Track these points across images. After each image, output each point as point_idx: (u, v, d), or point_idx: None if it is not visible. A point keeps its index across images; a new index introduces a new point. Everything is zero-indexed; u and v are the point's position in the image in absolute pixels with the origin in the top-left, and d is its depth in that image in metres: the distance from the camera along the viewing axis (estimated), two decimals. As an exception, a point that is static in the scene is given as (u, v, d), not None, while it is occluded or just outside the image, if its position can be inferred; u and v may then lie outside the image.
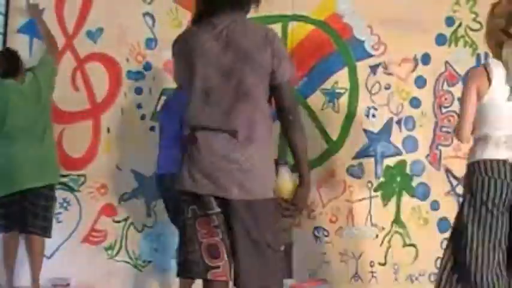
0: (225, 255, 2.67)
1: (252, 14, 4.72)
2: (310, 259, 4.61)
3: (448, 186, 4.58)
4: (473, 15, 4.67)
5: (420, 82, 4.67)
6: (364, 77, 4.70)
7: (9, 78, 4.45)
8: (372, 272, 4.49)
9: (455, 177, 4.60)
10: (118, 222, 4.73)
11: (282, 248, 3.58)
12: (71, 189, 4.78)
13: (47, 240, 4.68)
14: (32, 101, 4.43)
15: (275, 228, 2.78)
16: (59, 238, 4.73)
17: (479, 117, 3.05)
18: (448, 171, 4.61)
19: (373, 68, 4.70)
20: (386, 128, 4.67)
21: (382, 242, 4.60)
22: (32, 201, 4.36)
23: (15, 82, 4.46)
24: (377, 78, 4.70)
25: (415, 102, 4.67)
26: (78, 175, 4.79)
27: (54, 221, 4.73)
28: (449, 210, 4.43)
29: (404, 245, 4.58)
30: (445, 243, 4.45)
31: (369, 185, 4.63)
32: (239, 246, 2.66)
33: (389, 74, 4.69)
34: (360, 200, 4.63)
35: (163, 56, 4.78)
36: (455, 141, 4.60)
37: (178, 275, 2.83)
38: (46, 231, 4.44)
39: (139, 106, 4.78)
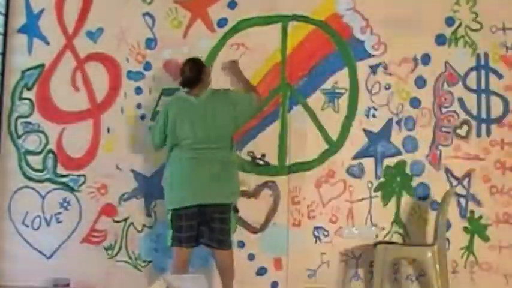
0: None
1: (252, 14, 4.78)
2: (310, 259, 4.61)
3: (448, 186, 4.58)
4: (473, 15, 4.66)
5: (420, 82, 4.67)
6: (364, 77, 4.70)
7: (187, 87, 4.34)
8: (372, 272, 4.48)
9: (455, 177, 4.60)
10: (118, 222, 4.74)
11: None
12: (71, 189, 4.78)
13: (47, 240, 4.71)
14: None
15: None
16: (59, 238, 4.75)
17: None
18: (448, 171, 4.61)
19: (373, 68, 4.70)
20: (387, 128, 4.67)
21: (382, 242, 4.61)
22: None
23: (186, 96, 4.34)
24: (377, 78, 4.69)
25: (415, 102, 4.67)
26: (78, 175, 4.79)
27: (54, 221, 4.76)
28: (450, 210, 4.43)
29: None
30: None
31: (369, 185, 4.63)
32: None
33: (389, 74, 4.69)
34: (360, 200, 4.63)
35: (163, 56, 4.79)
36: (455, 141, 4.62)
37: None
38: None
39: (139, 106, 4.79)
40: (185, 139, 4.21)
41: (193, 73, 4.30)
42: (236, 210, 4.29)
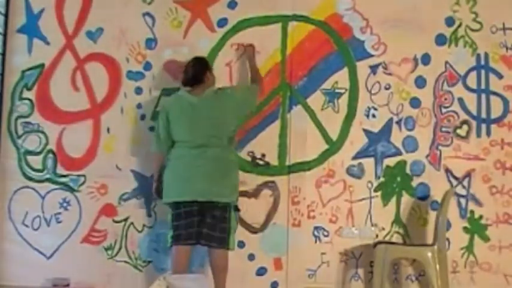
0: None
1: (252, 14, 4.78)
2: (310, 259, 4.61)
3: (448, 186, 4.58)
4: (473, 15, 4.67)
5: (420, 82, 4.67)
6: (364, 77, 4.70)
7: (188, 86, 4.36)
8: (372, 272, 4.48)
9: (455, 177, 4.60)
10: (118, 222, 4.74)
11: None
12: (71, 189, 4.78)
13: (47, 240, 4.70)
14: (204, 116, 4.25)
15: None
16: (59, 238, 4.74)
17: None
18: (448, 171, 4.61)
19: (373, 68, 4.70)
20: (387, 128, 4.67)
21: (382, 242, 4.60)
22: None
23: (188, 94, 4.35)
24: (377, 78, 4.70)
25: (415, 102, 4.67)
26: (78, 175, 4.79)
27: (54, 221, 4.76)
28: (450, 210, 4.43)
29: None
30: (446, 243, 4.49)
31: (369, 185, 4.63)
32: None
33: (389, 74, 4.69)
34: (360, 200, 4.63)
35: (163, 56, 4.79)
36: (455, 141, 4.62)
37: None
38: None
39: (139, 106, 4.79)
40: (183, 139, 4.23)
41: (197, 72, 4.31)
42: (237, 209, 4.29)
